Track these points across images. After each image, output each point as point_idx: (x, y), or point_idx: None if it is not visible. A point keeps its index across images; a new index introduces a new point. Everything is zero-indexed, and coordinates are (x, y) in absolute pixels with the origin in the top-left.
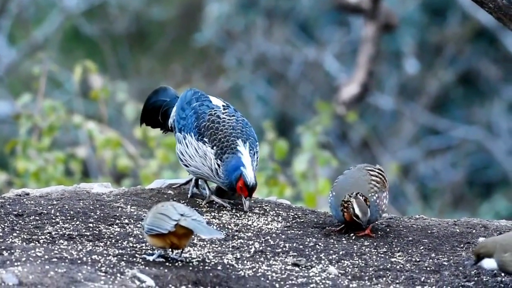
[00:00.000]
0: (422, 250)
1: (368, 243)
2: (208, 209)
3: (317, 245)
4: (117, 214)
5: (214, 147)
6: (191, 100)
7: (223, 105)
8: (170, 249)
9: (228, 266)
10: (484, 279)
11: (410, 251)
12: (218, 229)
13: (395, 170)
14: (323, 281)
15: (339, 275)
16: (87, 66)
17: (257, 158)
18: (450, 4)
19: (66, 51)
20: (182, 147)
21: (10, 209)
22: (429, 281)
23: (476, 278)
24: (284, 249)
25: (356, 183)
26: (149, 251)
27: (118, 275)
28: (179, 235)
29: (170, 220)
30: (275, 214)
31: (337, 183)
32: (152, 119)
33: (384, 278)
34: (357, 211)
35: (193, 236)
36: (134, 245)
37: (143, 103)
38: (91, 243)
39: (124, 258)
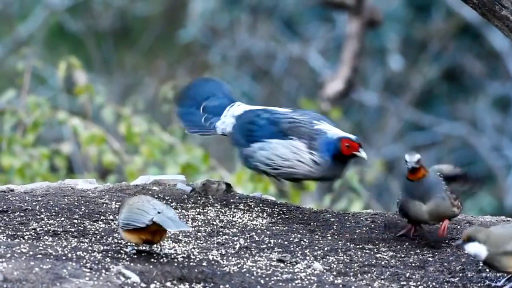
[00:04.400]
0: (407, 246)
1: (353, 239)
2: (193, 205)
3: (302, 241)
4: (102, 210)
5: (303, 140)
6: (258, 114)
7: (290, 111)
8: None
9: (213, 262)
10: (469, 275)
11: (395, 247)
12: (187, 223)
13: (379, 166)
14: (308, 277)
15: (324, 271)
16: (71, 62)
17: None
18: (434, 0)
19: (51, 47)
20: (266, 152)
21: None
22: (414, 277)
23: (461, 274)
24: (269, 245)
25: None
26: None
27: (103, 271)
28: (152, 231)
29: (147, 215)
30: (260, 210)
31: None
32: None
33: (369, 274)
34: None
35: (168, 233)
36: (119, 241)
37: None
38: (76, 239)
39: (109, 254)
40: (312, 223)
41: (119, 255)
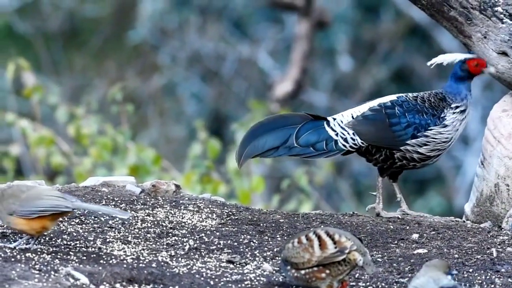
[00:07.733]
0: None
1: None
2: (143, 206)
3: (251, 242)
4: None
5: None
6: (394, 112)
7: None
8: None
9: (162, 263)
10: None
11: None
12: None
13: (329, 167)
14: (258, 278)
15: (274, 272)
16: (20, 64)
17: None
18: (383, 1)
19: None
20: (430, 146)
21: None
22: (363, 277)
23: (410, 275)
24: (218, 246)
25: None
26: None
27: (52, 272)
28: (54, 218)
29: (66, 201)
30: (209, 211)
31: None
32: None
33: None
34: None
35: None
36: (68, 243)
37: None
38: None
39: (58, 256)
40: (261, 224)
41: (68, 257)
